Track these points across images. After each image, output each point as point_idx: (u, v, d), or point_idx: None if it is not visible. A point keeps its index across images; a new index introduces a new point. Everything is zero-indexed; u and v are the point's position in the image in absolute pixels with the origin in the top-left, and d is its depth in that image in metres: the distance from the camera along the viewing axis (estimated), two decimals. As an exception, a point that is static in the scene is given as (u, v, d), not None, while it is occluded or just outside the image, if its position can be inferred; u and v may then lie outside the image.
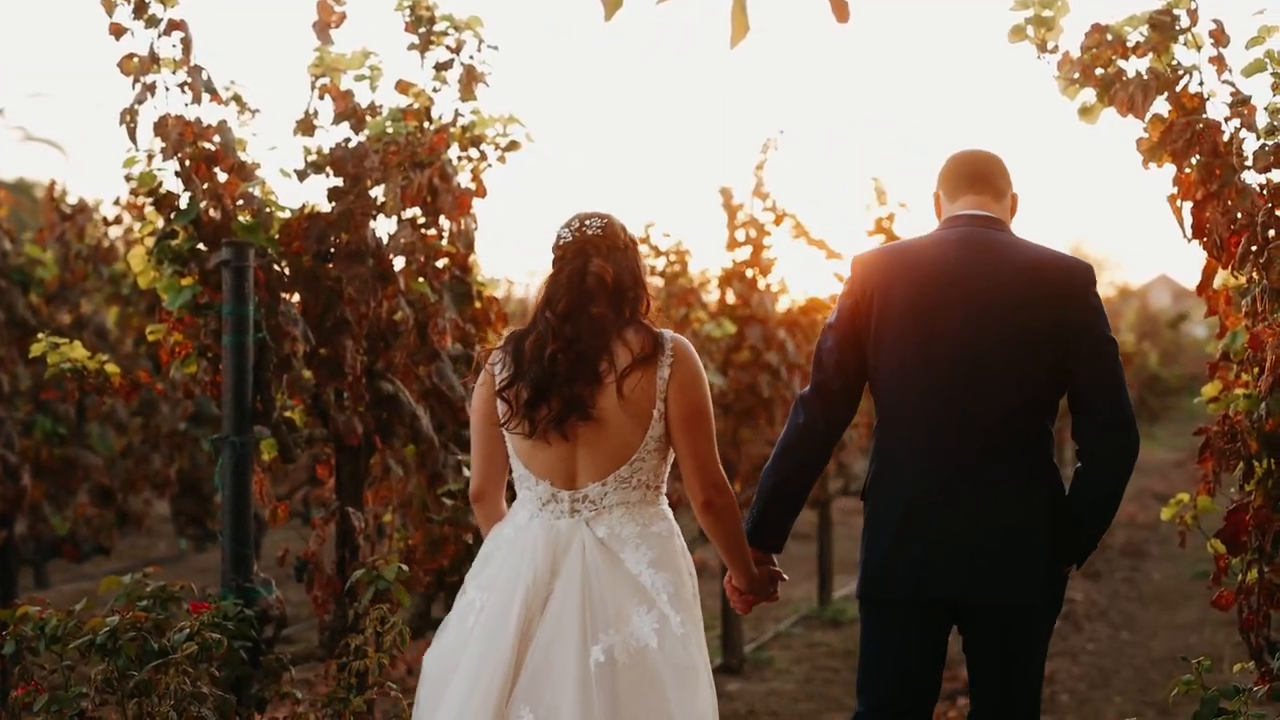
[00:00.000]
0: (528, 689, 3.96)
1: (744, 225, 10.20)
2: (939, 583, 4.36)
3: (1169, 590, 12.40)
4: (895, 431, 4.49)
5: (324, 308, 5.59)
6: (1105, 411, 4.39)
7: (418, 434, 5.80)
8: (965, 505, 4.35)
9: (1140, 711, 8.13)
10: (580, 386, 4.12)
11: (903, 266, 4.50)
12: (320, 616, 5.64)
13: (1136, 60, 5.09)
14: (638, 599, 4.06)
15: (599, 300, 4.20)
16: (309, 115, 5.78)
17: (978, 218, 4.55)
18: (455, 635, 4.19)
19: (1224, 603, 5.05)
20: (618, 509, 4.18)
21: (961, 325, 4.38)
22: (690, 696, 4.01)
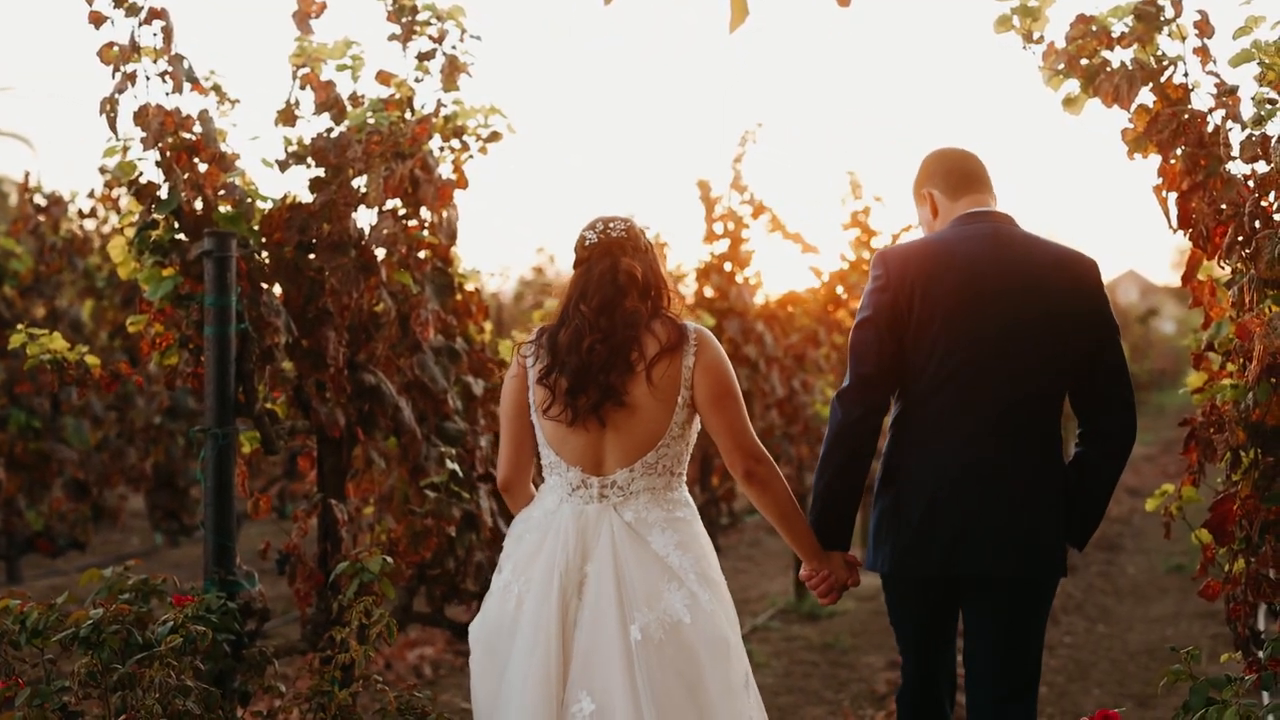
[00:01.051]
0: (582, 674, 4.26)
1: (722, 218, 10.21)
2: (967, 561, 4.65)
3: (1144, 584, 12.43)
4: (925, 419, 4.72)
5: (306, 299, 5.55)
6: (1114, 393, 4.74)
7: (400, 426, 5.78)
8: (991, 489, 4.63)
9: (1119, 703, 8.14)
10: (615, 376, 4.38)
11: (942, 262, 4.70)
12: (302, 609, 5.61)
13: (1121, 51, 5.09)
14: (667, 578, 4.34)
15: (631, 295, 4.46)
16: (290, 105, 5.74)
17: (995, 214, 4.83)
18: (500, 617, 4.46)
19: (1211, 593, 5.04)
20: (644, 494, 4.46)
21: (1000, 318, 4.64)
22: (723, 666, 4.31)
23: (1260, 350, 4.48)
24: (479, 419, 6.29)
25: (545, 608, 4.33)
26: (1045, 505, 4.68)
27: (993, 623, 4.79)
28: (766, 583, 12.07)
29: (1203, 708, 4.03)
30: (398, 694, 4.86)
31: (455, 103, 5.97)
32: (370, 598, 4.92)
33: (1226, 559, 4.92)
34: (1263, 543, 4.66)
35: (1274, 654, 4.29)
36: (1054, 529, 4.71)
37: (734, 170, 10.30)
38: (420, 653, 9.31)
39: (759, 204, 10.29)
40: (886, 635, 10.13)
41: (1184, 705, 4.12)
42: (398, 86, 5.81)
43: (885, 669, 9.12)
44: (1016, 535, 4.64)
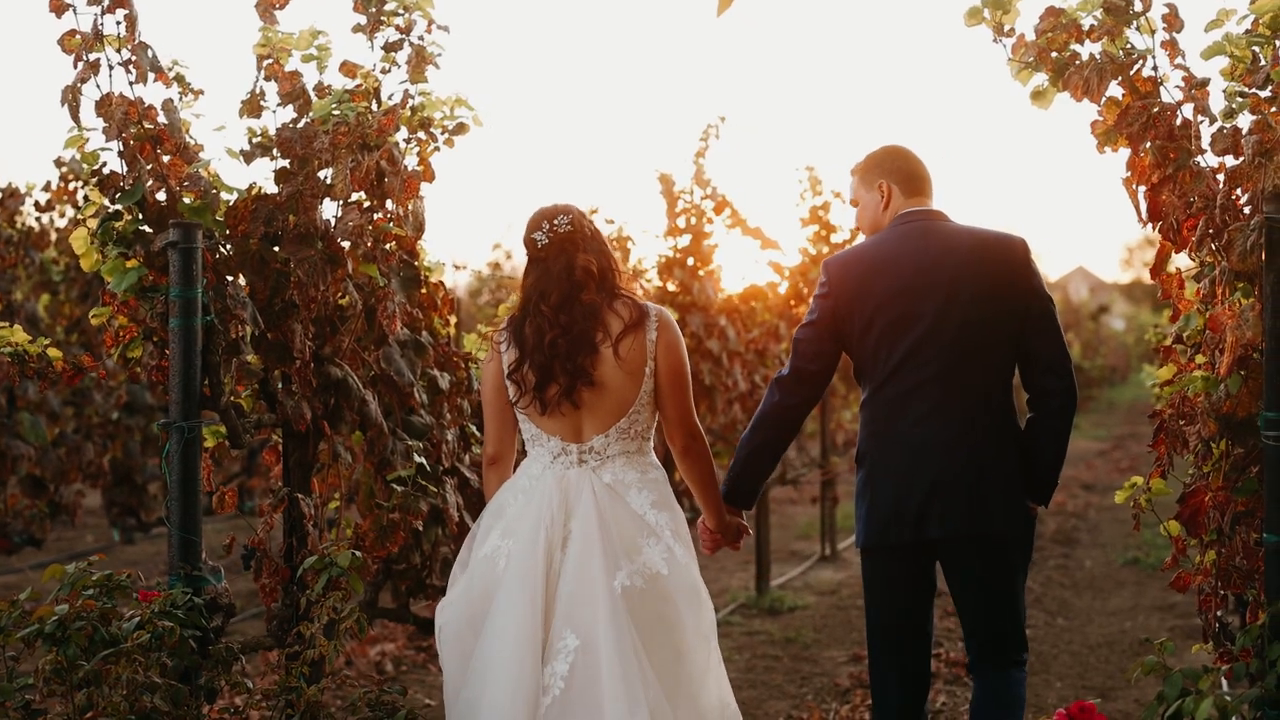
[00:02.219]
0: (566, 614, 4.66)
1: (684, 212, 10.18)
2: (935, 525, 5.09)
3: (1101, 577, 12.47)
4: (886, 403, 5.20)
5: (272, 291, 5.50)
6: (1052, 358, 5.21)
7: (366, 420, 5.73)
8: (952, 458, 5.10)
9: (1080, 695, 8.17)
10: (581, 358, 4.84)
11: (875, 267, 5.23)
12: (267, 605, 5.56)
13: (1091, 44, 5.09)
14: (646, 534, 4.83)
15: (588, 289, 4.91)
16: (255, 96, 5.68)
17: (931, 212, 5.36)
18: (481, 580, 4.86)
19: (1182, 585, 5.05)
20: (619, 458, 4.93)
21: (939, 305, 5.13)
22: (696, 613, 4.84)
23: (1232, 342, 4.48)
24: (445, 413, 6.25)
25: (531, 559, 4.74)
26: (1002, 467, 5.14)
27: (970, 580, 5.25)
28: (727, 578, 12.07)
29: (1177, 699, 4.03)
30: (367, 690, 4.83)
31: (422, 94, 5.93)
32: (339, 593, 4.88)
33: (1198, 550, 4.93)
34: (1234, 534, 4.67)
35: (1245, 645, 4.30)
36: (1013, 488, 5.15)
37: (696, 164, 10.27)
38: (382, 649, 9.26)
39: (722, 199, 10.27)
40: (848, 630, 10.16)
41: (1158, 696, 4.12)
42: (364, 77, 5.76)
43: (847, 663, 9.13)
44: (976, 497, 5.08)
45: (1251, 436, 4.61)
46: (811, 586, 12.12)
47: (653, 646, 4.67)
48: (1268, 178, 4.44)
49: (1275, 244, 4.34)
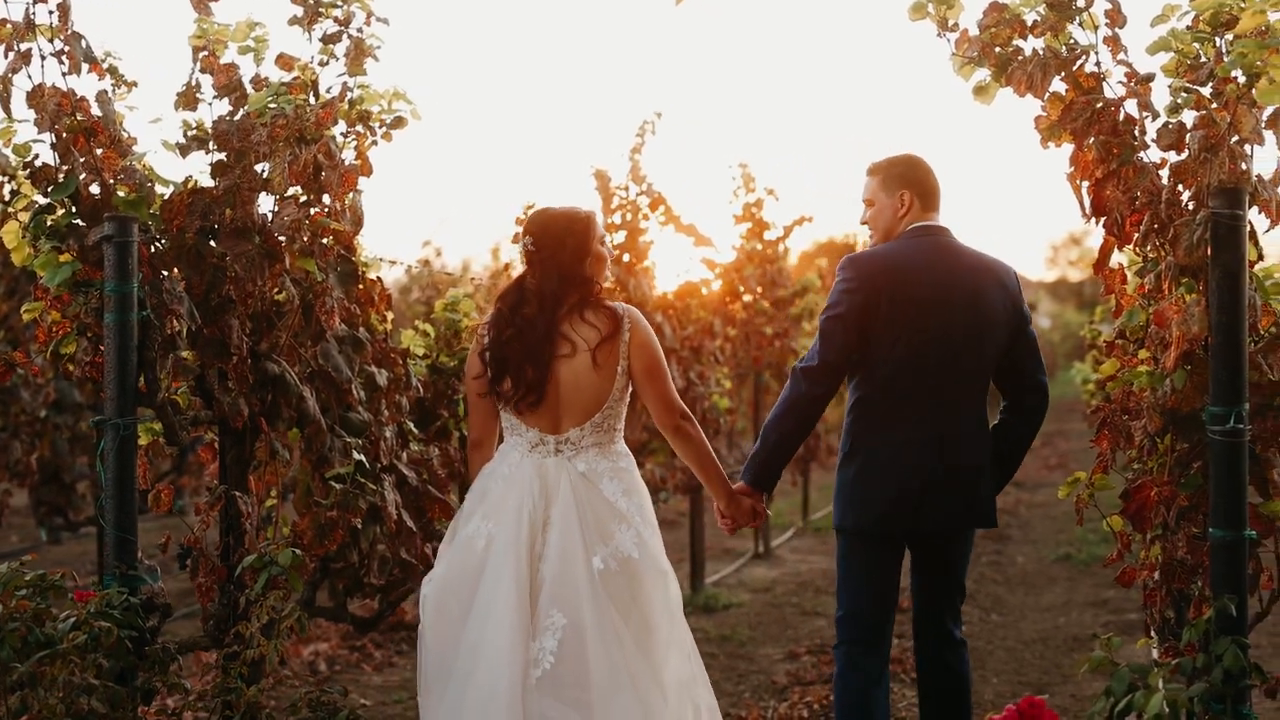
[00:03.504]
0: (552, 594, 5.05)
1: (620, 208, 10.14)
2: (928, 520, 5.57)
3: (1033, 573, 12.55)
4: (887, 403, 5.56)
5: (208, 286, 5.42)
6: (1034, 373, 5.75)
7: (304, 416, 5.66)
8: (944, 461, 5.53)
9: (1018, 691, 8.20)
10: (533, 369, 5.26)
11: (905, 272, 5.55)
12: (204, 604, 5.47)
13: (1034, 39, 5.09)
14: (617, 520, 5.20)
15: (530, 304, 5.35)
16: (190, 88, 5.60)
17: (942, 228, 5.74)
18: (465, 559, 5.22)
19: (1127, 580, 5.06)
20: (593, 448, 5.31)
21: (957, 318, 5.52)
22: (663, 591, 5.25)
23: (1178, 336, 4.49)
24: (383, 410, 6.18)
25: (517, 543, 5.11)
26: (983, 471, 5.65)
27: (938, 562, 5.78)
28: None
29: (1125, 693, 4.02)
30: (308, 690, 4.76)
31: (361, 87, 5.86)
32: (279, 592, 4.81)
33: (1142, 546, 4.93)
34: (1178, 529, 4.68)
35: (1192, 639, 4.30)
36: (989, 489, 5.71)
37: (632, 160, 10.24)
38: (315, 649, 9.19)
39: (657, 195, 10.24)
40: (783, 628, 10.16)
41: (1105, 691, 4.11)
42: (301, 70, 5.69)
43: (783, 660, 9.13)
44: (965, 498, 5.59)
45: (1197, 431, 4.61)
46: (746, 584, 12.13)
47: (628, 626, 5.08)
48: (1212, 173, 4.44)
49: (1220, 239, 4.35)
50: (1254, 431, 4.56)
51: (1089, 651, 9.12)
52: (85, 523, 11.89)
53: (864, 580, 5.69)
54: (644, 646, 5.10)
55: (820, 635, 9.88)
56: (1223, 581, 4.34)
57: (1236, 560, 4.34)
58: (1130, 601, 10.85)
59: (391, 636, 9.66)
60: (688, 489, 11.16)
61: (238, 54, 5.64)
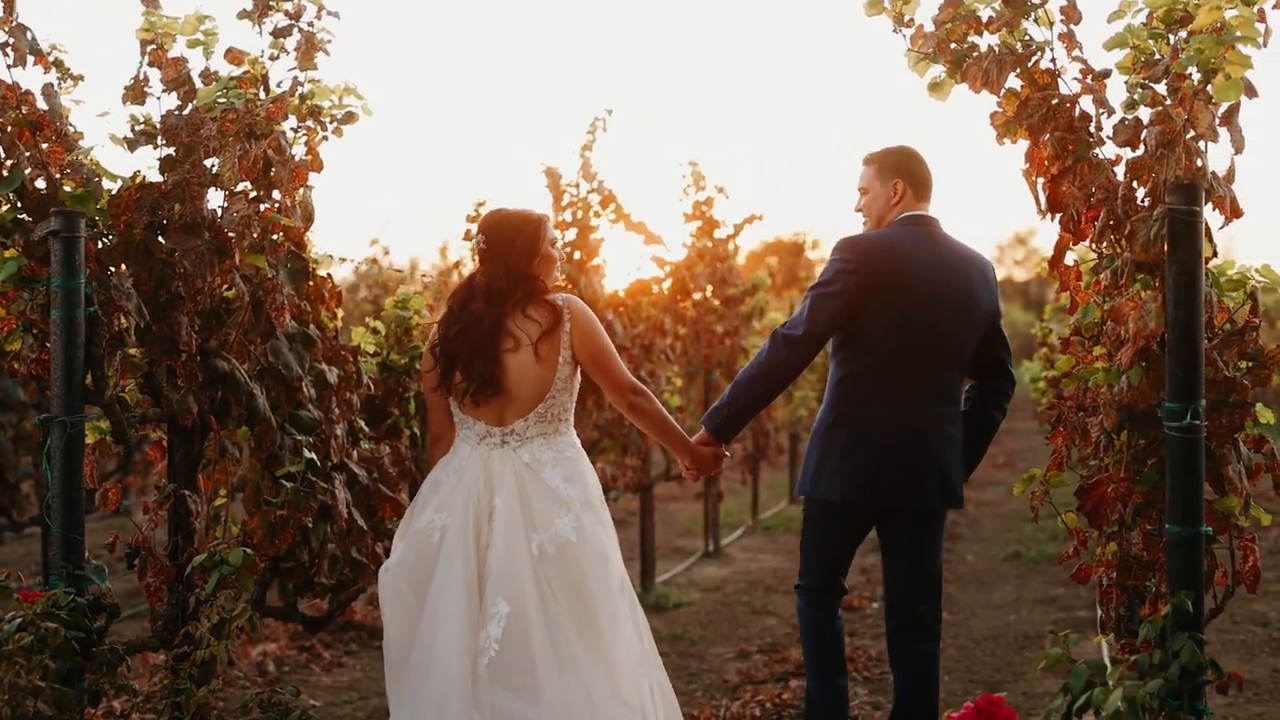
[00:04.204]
0: (498, 584, 5.27)
1: (571, 206, 10.10)
2: (904, 497, 5.85)
3: (983, 571, 12.56)
4: (871, 382, 5.87)
5: (157, 282, 5.35)
6: (1006, 364, 6.12)
7: (254, 414, 5.60)
8: (927, 442, 5.85)
9: (969, 690, 8.19)
10: (487, 367, 5.47)
11: (900, 256, 5.85)
12: (152, 605, 5.41)
13: (989, 36, 5.09)
14: (558, 506, 5.40)
15: (478, 299, 5.57)
16: (138, 82, 5.53)
17: (932, 218, 6.04)
18: (419, 550, 5.43)
19: (1083, 576, 5.05)
20: (538, 439, 5.53)
21: (948, 304, 5.84)
22: (602, 574, 5.39)
23: (1134, 333, 4.48)
24: (333, 408, 6.13)
25: (465, 534, 5.35)
26: (957, 453, 5.96)
27: (909, 543, 6.02)
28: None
29: (1082, 690, 4.01)
30: (259, 691, 4.71)
31: (311, 81, 5.81)
32: (229, 591, 4.76)
33: (1099, 542, 4.93)
34: (1135, 525, 4.67)
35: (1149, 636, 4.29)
36: (960, 471, 6.00)
37: (583, 158, 10.21)
38: (263, 649, 9.10)
39: (608, 193, 10.20)
40: (734, 626, 10.13)
41: (1062, 688, 4.09)
42: (251, 64, 5.63)
43: (735, 659, 9.10)
44: (939, 477, 5.87)
45: (1153, 427, 4.62)
46: (696, 583, 12.10)
47: (569, 609, 5.29)
48: (1169, 169, 4.44)
49: (1177, 235, 4.34)
50: (1209, 428, 4.56)
51: (1040, 649, 9.15)
52: (29, 523, 11.76)
53: (825, 546, 6.08)
54: (586, 629, 5.30)
55: (771, 634, 9.87)
56: (1179, 578, 4.33)
57: (1193, 557, 4.33)
58: (1080, 599, 10.88)
59: (340, 636, 9.59)
60: (638, 487, 11.14)
61: (186, 47, 5.58)
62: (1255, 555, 4.70)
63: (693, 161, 13.43)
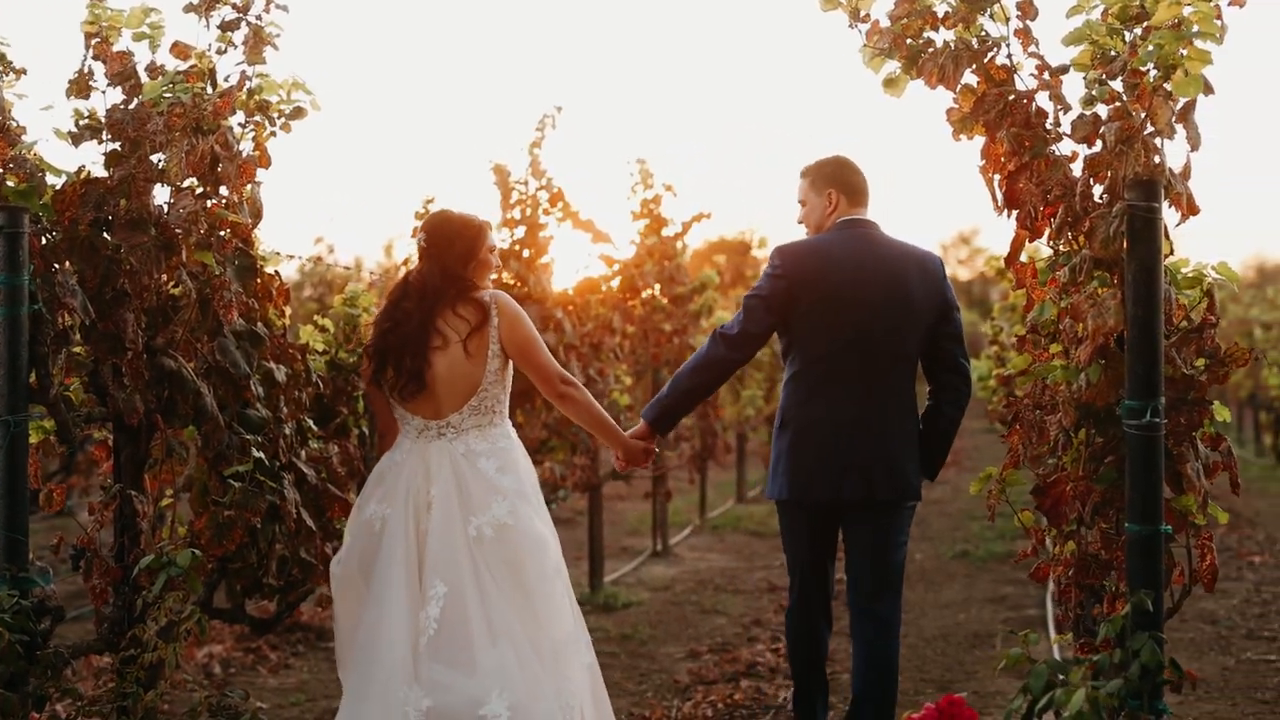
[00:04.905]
0: (435, 567, 5.49)
1: (520, 203, 10.03)
2: (848, 490, 6.01)
3: (932, 570, 12.58)
4: (813, 381, 6.09)
5: (102, 279, 5.26)
6: (957, 357, 6.23)
7: (201, 413, 5.52)
8: (866, 435, 6.02)
9: (920, 689, 8.18)
10: (409, 359, 5.68)
11: (829, 262, 6.08)
12: (98, 607, 5.32)
13: (945, 31, 5.07)
14: (493, 492, 5.61)
15: (410, 298, 5.77)
16: (83, 76, 5.44)
17: (869, 221, 6.25)
18: (365, 540, 5.64)
19: (1040, 575, 5.03)
20: (473, 430, 5.74)
21: (873, 303, 6.01)
22: (539, 557, 5.62)
23: (1093, 330, 4.45)
24: (281, 406, 6.05)
25: (405, 523, 5.56)
26: (905, 446, 6.10)
27: (866, 535, 6.15)
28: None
29: (1043, 691, 3.98)
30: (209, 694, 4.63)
31: (259, 76, 5.73)
32: (177, 593, 4.68)
33: (1057, 541, 4.90)
34: (1093, 523, 4.65)
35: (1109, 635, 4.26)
36: (912, 463, 6.13)
37: (532, 155, 10.13)
38: (209, 651, 9.00)
39: (557, 190, 10.13)
40: (684, 626, 10.11)
41: (1022, 688, 4.06)
42: (198, 58, 5.55)
43: (685, 659, 9.07)
44: (886, 469, 6.03)
45: (1112, 426, 4.59)
46: (645, 582, 12.06)
47: (504, 587, 5.50)
48: (1128, 165, 4.41)
49: (1136, 232, 4.31)
50: (1167, 426, 4.53)
51: (990, 648, 9.16)
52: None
53: (800, 542, 6.26)
54: (521, 607, 5.52)
55: (721, 634, 9.84)
56: (1139, 577, 4.30)
57: (1153, 555, 4.30)
58: (1029, 597, 10.90)
59: (287, 638, 9.50)
60: (587, 486, 11.08)
61: (132, 41, 5.49)
62: (1213, 554, 4.69)
63: (640, 159, 13.39)
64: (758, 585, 11.87)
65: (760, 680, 8.38)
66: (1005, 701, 7.74)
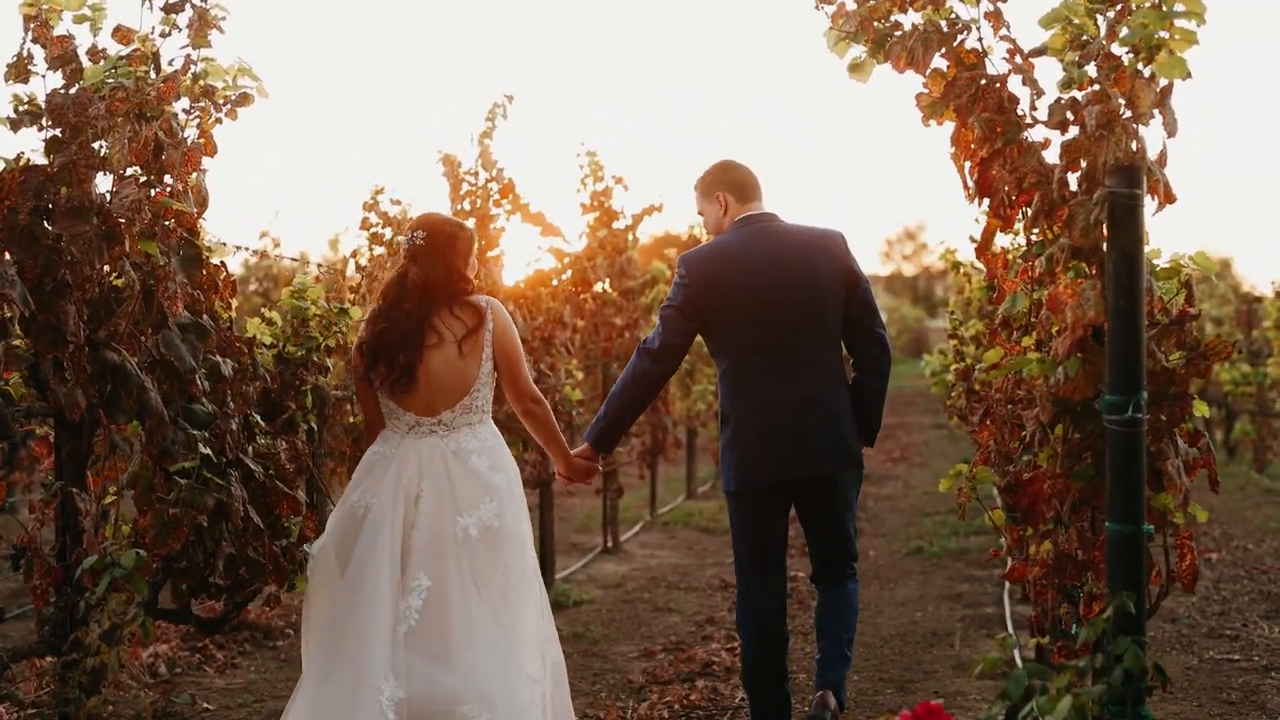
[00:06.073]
0: (420, 561, 5.63)
1: (469, 195, 9.86)
2: (795, 469, 6.21)
3: (886, 567, 12.46)
4: (743, 373, 6.30)
5: (42, 270, 5.09)
6: (870, 325, 6.43)
7: (145, 408, 5.34)
8: (801, 416, 6.21)
9: (879, 689, 8.07)
10: (404, 356, 5.83)
11: (727, 262, 6.33)
12: (39, 608, 5.13)
13: (913, 14, 4.96)
14: (483, 491, 5.80)
15: (410, 298, 5.90)
16: (21, 59, 5.28)
17: (764, 215, 6.47)
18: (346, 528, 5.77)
19: (1016, 576, 4.89)
20: (464, 429, 5.92)
21: (779, 291, 6.23)
22: (521, 557, 5.87)
23: (1073, 321, 4.30)
24: (228, 401, 5.87)
25: (392, 513, 5.68)
26: (843, 421, 6.30)
27: (818, 509, 6.40)
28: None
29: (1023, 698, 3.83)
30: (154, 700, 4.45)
31: (205, 60, 5.56)
32: (121, 595, 4.50)
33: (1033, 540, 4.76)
34: (1071, 523, 4.51)
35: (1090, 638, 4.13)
36: (851, 437, 6.34)
37: (482, 145, 9.96)
38: (154, 650, 8.76)
39: (508, 182, 9.96)
40: (637, 625, 9.97)
41: (1001, 694, 3.90)
42: (141, 42, 5.37)
43: (639, 658, 8.93)
44: (826, 445, 6.24)
45: (1090, 421, 4.44)
46: (595, 580, 11.92)
47: (485, 584, 5.68)
48: (1109, 150, 4.28)
49: (1118, 220, 4.15)
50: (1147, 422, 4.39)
51: (949, 647, 9.06)
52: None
53: (749, 531, 6.39)
54: (500, 605, 5.72)
55: (675, 632, 9.70)
56: (1119, 578, 4.12)
57: (1134, 555, 4.13)
58: (986, 595, 10.80)
59: (234, 637, 9.31)
60: (537, 483, 10.92)
61: (73, 24, 5.35)
62: (1193, 554, 4.57)
63: (591, 151, 13.26)
64: (710, 583, 11.73)
65: (716, 680, 8.24)
66: (966, 702, 7.64)
